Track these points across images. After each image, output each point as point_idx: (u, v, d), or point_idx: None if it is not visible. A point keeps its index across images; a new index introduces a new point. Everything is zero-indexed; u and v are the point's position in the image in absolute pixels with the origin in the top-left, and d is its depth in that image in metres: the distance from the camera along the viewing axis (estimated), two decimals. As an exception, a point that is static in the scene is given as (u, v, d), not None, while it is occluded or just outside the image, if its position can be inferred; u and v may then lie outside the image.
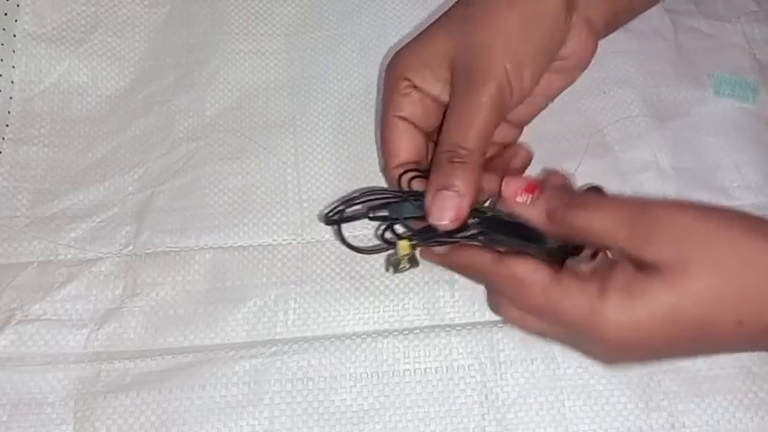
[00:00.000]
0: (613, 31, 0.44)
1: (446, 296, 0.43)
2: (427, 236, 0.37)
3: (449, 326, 0.43)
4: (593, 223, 0.31)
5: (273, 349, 0.42)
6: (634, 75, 0.51)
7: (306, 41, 0.53)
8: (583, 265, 0.33)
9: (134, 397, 0.41)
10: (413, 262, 0.37)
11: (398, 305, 0.43)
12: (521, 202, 0.34)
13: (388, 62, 0.41)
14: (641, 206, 0.30)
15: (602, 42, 0.52)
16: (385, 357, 0.42)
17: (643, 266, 0.29)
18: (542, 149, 0.48)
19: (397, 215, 0.38)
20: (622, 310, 0.29)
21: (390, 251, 0.39)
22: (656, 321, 0.29)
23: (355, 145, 0.49)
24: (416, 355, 0.42)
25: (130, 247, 0.45)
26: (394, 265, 0.38)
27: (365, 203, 0.38)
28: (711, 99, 0.50)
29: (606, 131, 0.49)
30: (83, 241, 0.45)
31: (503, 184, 0.35)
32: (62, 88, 0.50)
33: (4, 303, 0.43)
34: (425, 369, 0.42)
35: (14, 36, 0.50)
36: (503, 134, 0.42)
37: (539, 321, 0.34)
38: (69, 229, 0.45)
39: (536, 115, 0.43)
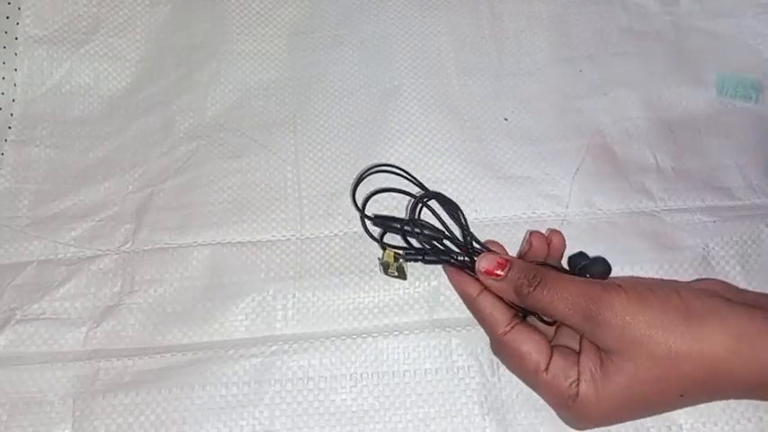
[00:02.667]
0: None
1: (447, 292, 0.43)
2: (414, 256, 0.41)
3: (449, 326, 0.42)
4: (554, 307, 0.35)
5: (273, 348, 0.42)
6: (635, 76, 0.51)
7: (306, 42, 0.53)
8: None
9: (133, 396, 0.41)
10: (401, 273, 0.42)
11: (398, 301, 0.43)
12: (491, 277, 0.38)
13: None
14: (592, 297, 0.34)
15: (602, 44, 0.52)
16: (385, 357, 0.42)
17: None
18: (544, 149, 0.48)
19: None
20: (593, 396, 0.34)
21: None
22: (615, 399, 0.34)
23: (354, 143, 0.49)
24: (416, 355, 0.42)
25: (129, 245, 0.45)
26: (384, 267, 0.42)
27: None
28: (714, 99, 0.50)
29: (607, 132, 0.49)
30: (82, 240, 0.45)
31: (477, 259, 0.39)
32: (64, 89, 0.51)
33: (5, 303, 0.43)
34: (425, 369, 0.41)
35: (16, 39, 0.51)
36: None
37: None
38: (69, 229, 0.46)
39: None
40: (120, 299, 0.44)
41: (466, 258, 0.40)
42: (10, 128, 0.49)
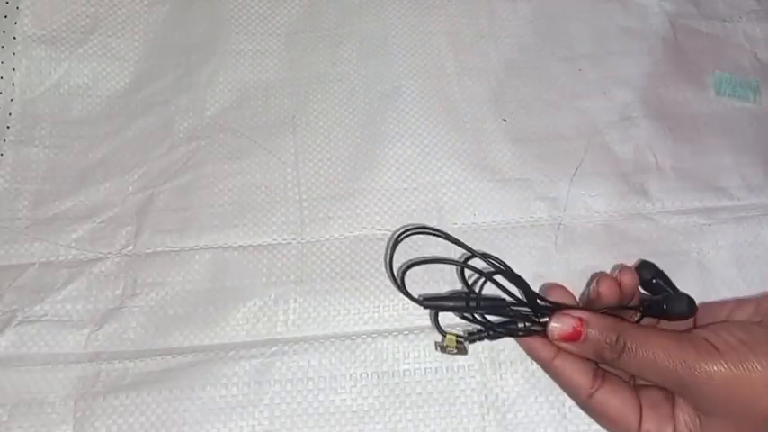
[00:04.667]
0: None
1: (447, 296, 0.43)
2: (475, 336, 0.38)
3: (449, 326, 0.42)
4: (643, 373, 0.34)
5: (273, 349, 0.42)
6: (633, 75, 0.51)
7: (306, 41, 0.53)
8: None
9: (134, 397, 0.41)
10: (461, 350, 0.39)
11: (398, 304, 0.43)
12: (567, 344, 0.35)
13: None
14: (686, 365, 0.32)
15: (601, 43, 0.52)
16: (385, 357, 0.42)
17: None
18: (543, 150, 0.48)
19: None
20: None
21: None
22: None
23: (355, 144, 0.49)
24: (416, 355, 0.42)
25: (130, 248, 0.45)
26: (441, 349, 0.39)
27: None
28: (712, 99, 0.50)
29: (606, 132, 0.49)
30: (83, 242, 0.45)
31: (548, 326, 0.36)
32: (62, 89, 0.50)
33: (6, 304, 0.43)
34: (425, 369, 0.42)
35: (14, 38, 0.50)
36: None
37: None
38: (70, 230, 0.46)
39: None
40: (121, 301, 0.44)
41: (531, 324, 0.37)
42: (8, 128, 0.49)
